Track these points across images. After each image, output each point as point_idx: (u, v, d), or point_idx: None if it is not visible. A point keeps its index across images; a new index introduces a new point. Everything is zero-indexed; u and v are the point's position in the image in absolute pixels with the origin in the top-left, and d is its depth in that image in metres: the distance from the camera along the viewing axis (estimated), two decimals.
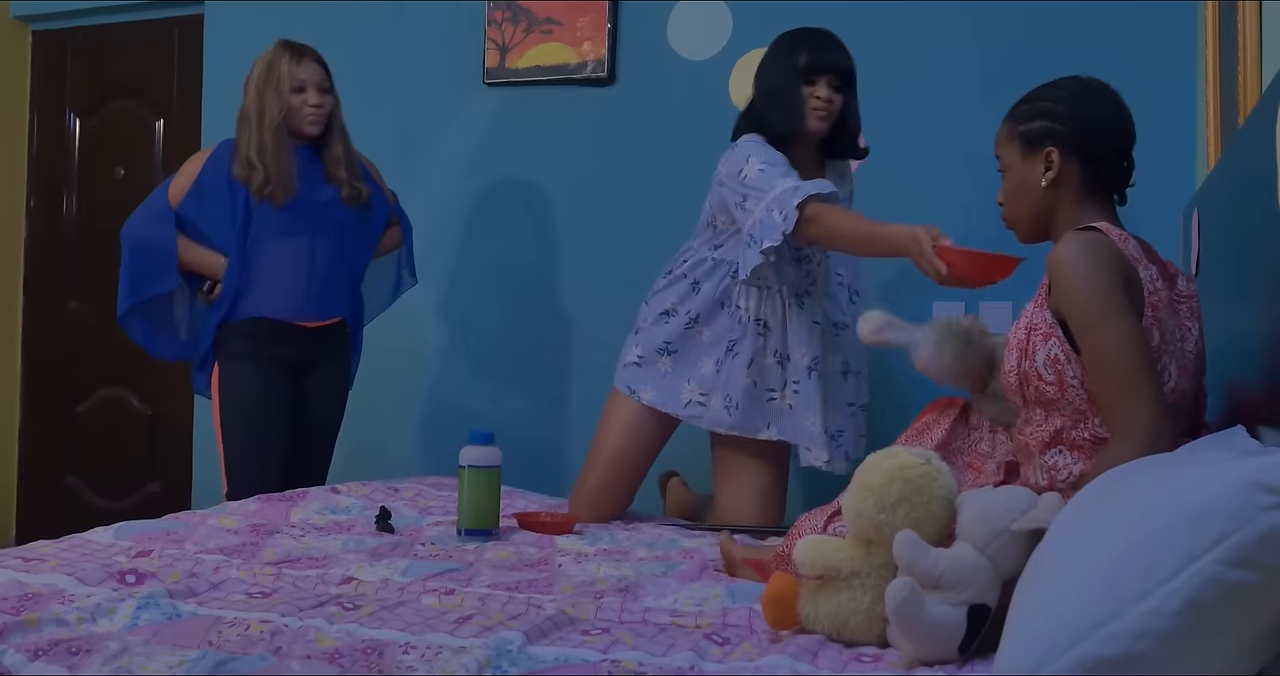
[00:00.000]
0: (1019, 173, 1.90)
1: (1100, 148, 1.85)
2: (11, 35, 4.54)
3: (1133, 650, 1.13)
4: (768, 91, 2.64)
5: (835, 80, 2.61)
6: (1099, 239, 1.74)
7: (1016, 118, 1.91)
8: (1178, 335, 1.77)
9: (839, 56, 2.63)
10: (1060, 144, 1.84)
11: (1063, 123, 1.84)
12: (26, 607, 1.69)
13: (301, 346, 3.00)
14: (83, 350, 4.45)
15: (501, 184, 3.73)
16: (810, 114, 2.60)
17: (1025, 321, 1.83)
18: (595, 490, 2.74)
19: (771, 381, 2.67)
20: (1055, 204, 1.87)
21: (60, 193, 4.53)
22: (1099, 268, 1.70)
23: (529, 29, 3.65)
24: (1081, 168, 1.84)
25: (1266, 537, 1.11)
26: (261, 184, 2.90)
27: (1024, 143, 1.88)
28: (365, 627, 1.65)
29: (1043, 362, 1.77)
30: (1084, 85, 1.89)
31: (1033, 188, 1.88)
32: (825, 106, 2.60)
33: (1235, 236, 1.90)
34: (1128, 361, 1.66)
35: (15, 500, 4.55)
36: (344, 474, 3.39)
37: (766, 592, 1.67)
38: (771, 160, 2.54)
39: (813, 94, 2.60)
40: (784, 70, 2.62)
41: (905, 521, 1.59)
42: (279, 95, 2.91)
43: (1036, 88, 1.92)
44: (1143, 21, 3.05)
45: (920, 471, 1.62)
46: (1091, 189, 1.86)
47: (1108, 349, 1.67)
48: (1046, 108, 1.86)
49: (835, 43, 2.65)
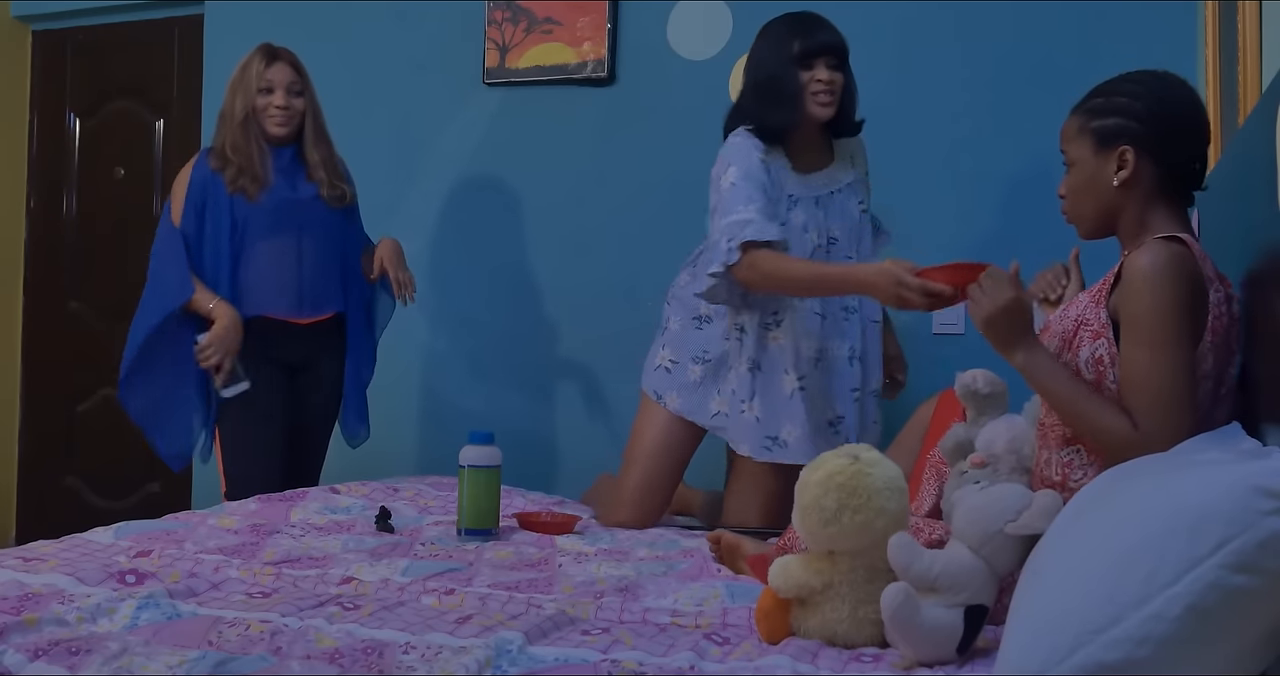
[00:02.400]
0: (1088, 169, 1.82)
1: (1177, 150, 1.78)
2: (11, 35, 4.54)
3: (1134, 655, 1.13)
4: (763, 83, 2.60)
5: (832, 60, 2.57)
6: (1183, 254, 1.68)
7: (1090, 112, 1.82)
8: (1226, 359, 1.73)
9: (832, 35, 2.59)
10: (1136, 143, 1.77)
11: (1141, 122, 1.77)
12: (26, 607, 1.69)
13: (296, 343, 3.01)
14: (83, 350, 4.44)
15: (501, 184, 3.73)
16: (813, 99, 2.56)
17: (1076, 312, 1.78)
18: (638, 490, 2.69)
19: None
20: (1125, 203, 1.80)
21: (60, 193, 4.53)
22: (1175, 287, 1.65)
23: (529, 29, 3.64)
24: (1156, 169, 1.77)
25: (1267, 542, 1.11)
26: (234, 176, 2.94)
27: (1097, 139, 1.80)
28: (365, 627, 1.65)
29: (1085, 360, 1.73)
30: (1163, 83, 1.81)
31: (1103, 186, 1.80)
32: (828, 88, 2.56)
33: (1235, 236, 1.90)
34: (1169, 389, 1.63)
35: (15, 500, 4.54)
36: (343, 474, 3.39)
37: (758, 607, 1.67)
38: (748, 173, 2.52)
39: (813, 78, 2.55)
40: (778, 59, 2.57)
41: (853, 525, 1.59)
42: (246, 95, 2.97)
43: (1110, 80, 1.84)
44: (1143, 21, 3.05)
45: (850, 473, 1.60)
46: (1163, 190, 1.79)
47: (1153, 370, 1.64)
48: (1124, 104, 1.78)
49: (824, 22, 2.61)
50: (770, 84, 2.59)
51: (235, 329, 2.92)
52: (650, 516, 2.69)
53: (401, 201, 3.37)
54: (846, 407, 2.66)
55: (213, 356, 2.89)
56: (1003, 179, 3.14)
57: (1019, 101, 3.14)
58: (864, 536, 1.60)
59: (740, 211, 2.48)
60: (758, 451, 2.61)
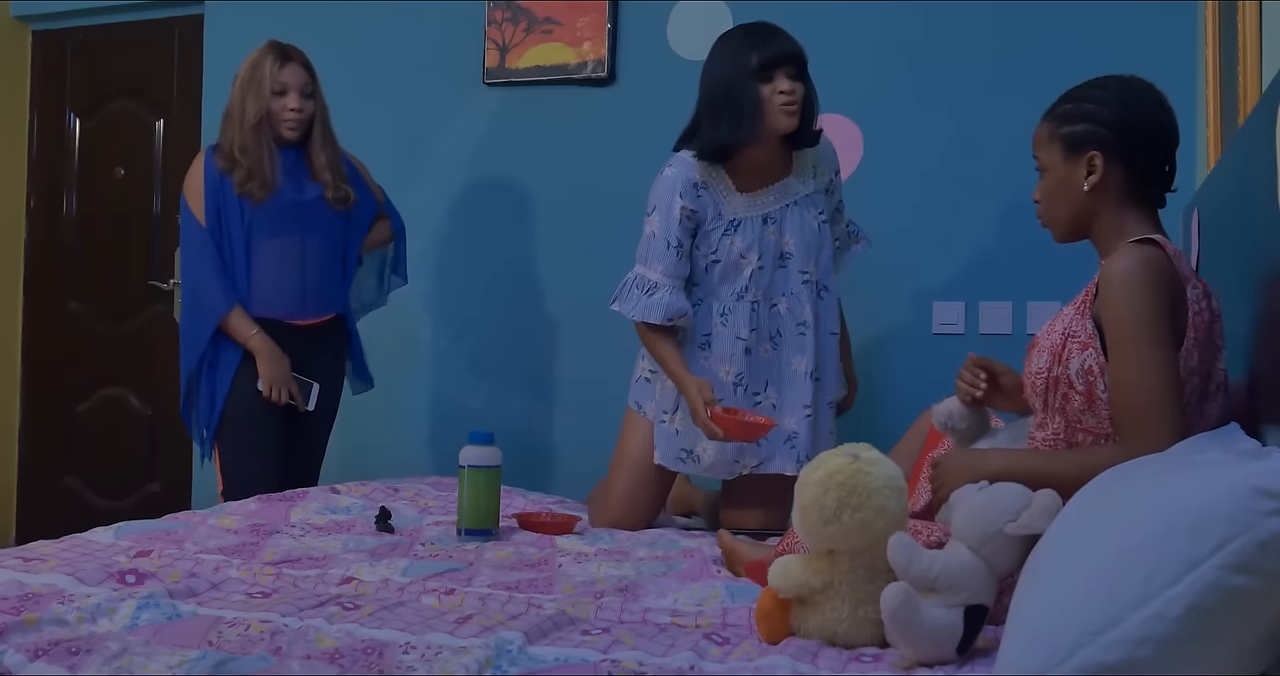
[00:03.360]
0: (1059, 174, 1.85)
1: (1146, 154, 1.81)
2: (11, 35, 4.54)
3: (1134, 656, 1.13)
4: (719, 98, 2.55)
5: (792, 70, 2.53)
6: (1156, 256, 1.70)
7: (1058, 118, 1.85)
8: (1212, 355, 1.76)
9: (789, 45, 2.55)
10: (1104, 148, 1.80)
11: (1108, 127, 1.80)
12: (26, 607, 1.69)
13: (297, 344, 3.01)
14: (83, 350, 4.44)
15: (501, 184, 3.73)
16: (777, 112, 2.52)
17: (1063, 325, 1.80)
18: (623, 501, 2.69)
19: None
20: (1096, 207, 1.83)
21: (60, 193, 4.53)
22: (1151, 291, 1.67)
23: (529, 29, 3.65)
24: (1125, 173, 1.81)
25: (1267, 543, 1.11)
26: (243, 179, 2.93)
27: (1066, 145, 1.83)
28: (365, 627, 1.65)
29: (1076, 372, 1.75)
30: (1130, 88, 1.83)
31: (1073, 190, 1.83)
32: (791, 98, 2.52)
33: (1235, 236, 1.90)
34: (1153, 389, 1.65)
35: (15, 500, 4.54)
36: (343, 474, 3.39)
37: (758, 608, 1.67)
38: (664, 224, 2.59)
39: (775, 90, 2.51)
40: (736, 73, 2.52)
41: (852, 524, 1.59)
42: (259, 97, 2.93)
43: (1078, 86, 1.87)
44: (1143, 21, 3.05)
45: (850, 472, 1.60)
46: (1134, 193, 1.82)
47: (1137, 373, 1.66)
48: (1091, 110, 1.81)
49: (781, 32, 2.57)
50: (728, 98, 2.54)
51: (279, 359, 2.94)
52: (640, 521, 2.69)
53: (402, 201, 3.36)
54: (798, 424, 2.64)
55: (279, 395, 2.93)
56: (1002, 179, 3.14)
57: (1019, 101, 3.13)
58: (864, 535, 1.60)
59: (648, 268, 2.62)
60: (671, 462, 2.66)
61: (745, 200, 2.62)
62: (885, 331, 3.25)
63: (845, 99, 3.30)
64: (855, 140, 3.31)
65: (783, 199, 2.65)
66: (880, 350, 3.22)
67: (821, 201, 2.69)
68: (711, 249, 2.61)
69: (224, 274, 2.93)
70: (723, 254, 2.61)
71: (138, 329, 4.36)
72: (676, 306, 2.60)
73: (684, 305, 2.61)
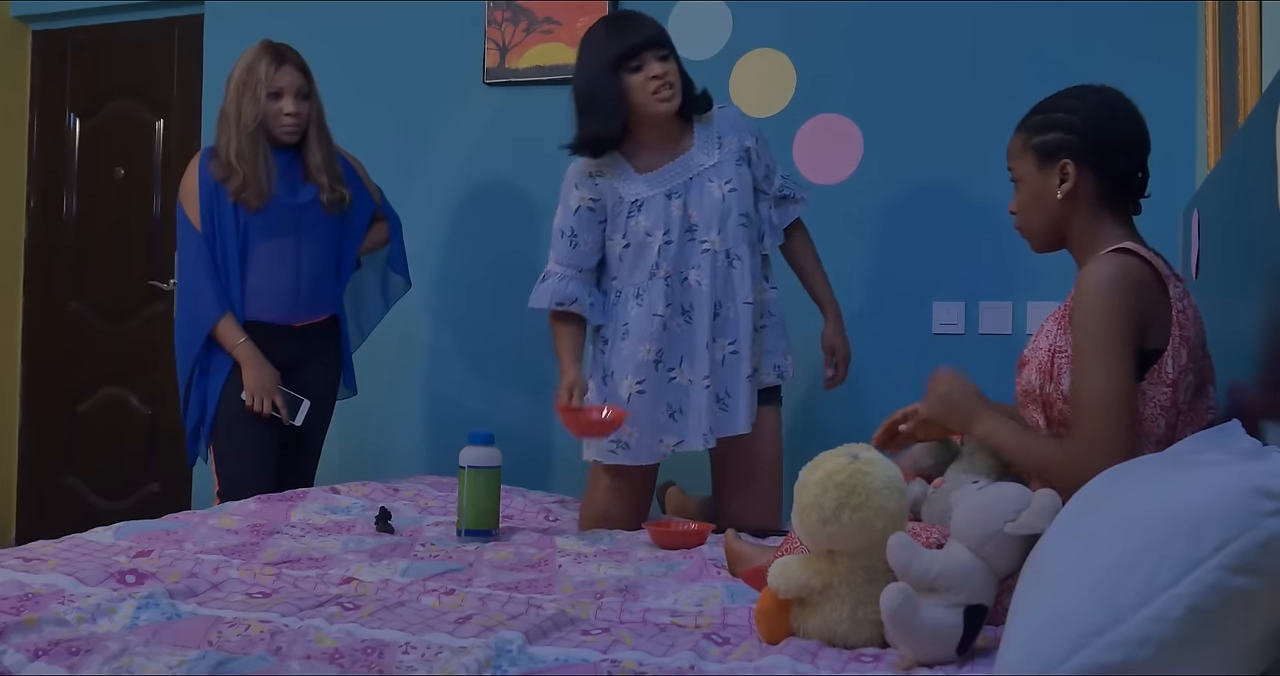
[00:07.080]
0: (1033, 184, 1.87)
1: (1117, 161, 1.83)
2: (11, 35, 4.54)
3: (1134, 657, 1.13)
4: (584, 95, 2.58)
5: (659, 51, 2.55)
6: (1129, 264, 1.72)
7: (1030, 129, 1.88)
8: (1201, 352, 1.77)
9: (649, 28, 2.57)
10: (1076, 156, 1.82)
11: (1079, 135, 1.82)
12: (26, 607, 1.69)
13: (292, 345, 3.01)
14: (83, 350, 4.45)
15: (501, 184, 3.73)
16: (654, 98, 2.54)
17: (1048, 342, 1.82)
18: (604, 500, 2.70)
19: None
20: (1070, 215, 1.85)
21: (60, 193, 4.53)
22: (1115, 297, 1.69)
23: (529, 29, 3.65)
24: (1098, 180, 1.82)
25: (1268, 544, 1.11)
26: (239, 187, 2.91)
27: (1039, 154, 1.85)
28: (365, 627, 1.65)
29: (1069, 387, 1.76)
30: (1099, 96, 1.86)
31: (1048, 200, 1.85)
32: (663, 80, 2.53)
33: (1235, 236, 1.90)
34: (1103, 397, 1.68)
35: (15, 500, 4.55)
36: (342, 474, 3.39)
37: (757, 608, 1.67)
38: (562, 215, 2.67)
39: (647, 76, 2.53)
40: (600, 68, 2.54)
41: (851, 524, 1.58)
42: (255, 100, 2.91)
43: (1049, 97, 1.89)
44: (1143, 21, 3.05)
45: (849, 472, 1.60)
46: (1107, 200, 1.84)
47: (1090, 380, 1.69)
48: (1061, 119, 1.84)
49: (639, 18, 2.61)
50: (590, 94, 2.57)
51: (264, 369, 2.93)
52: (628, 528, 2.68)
53: (402, 201, 3.36)
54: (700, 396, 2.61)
55: (263, 406, 2.92)
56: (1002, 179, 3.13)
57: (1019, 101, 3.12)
58: (863, 535, 1.59)
59: (550, 260, 2.70)
60: (604, 455, 2.67)
61: (645, 179, 2.64)
62: (885, 331, 3.25)
63: (845, 99, 3.30)
64: (855, 140, 3.31)
65: (685, 173, 2.65)
66: (880, 350, 3.21)
67: (730, 171, 2.64)
68: (621, 233, 2.64)
69: (217, 280, 2.92)
70: (631, 236, 2.63)
71: (138, 329, 4.36)
72: (565, 291, 2.65)
73: (573, 292, 2.65)
